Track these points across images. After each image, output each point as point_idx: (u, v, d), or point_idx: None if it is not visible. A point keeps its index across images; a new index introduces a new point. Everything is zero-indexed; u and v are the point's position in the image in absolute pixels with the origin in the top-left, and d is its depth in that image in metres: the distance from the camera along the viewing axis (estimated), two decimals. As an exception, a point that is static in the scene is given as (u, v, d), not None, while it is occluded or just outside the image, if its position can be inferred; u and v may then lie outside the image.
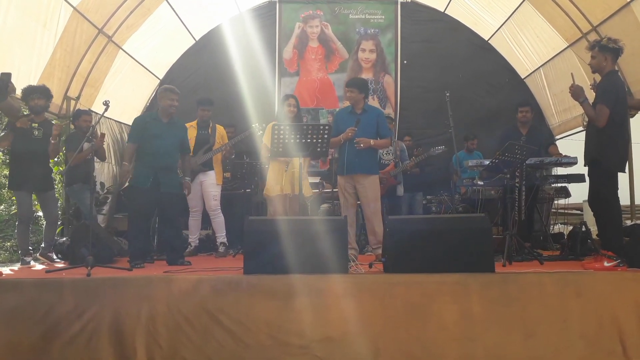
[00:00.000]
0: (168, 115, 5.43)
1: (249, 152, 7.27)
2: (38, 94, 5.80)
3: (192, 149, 6.34)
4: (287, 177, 5.50)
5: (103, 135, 6.12)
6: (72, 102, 7.43)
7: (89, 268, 4.24)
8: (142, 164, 5.34)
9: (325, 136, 4.84)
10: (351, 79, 5.94)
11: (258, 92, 9.02)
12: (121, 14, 7.57)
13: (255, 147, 6.74)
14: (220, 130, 6.62)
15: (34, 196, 6.00)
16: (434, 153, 7.17)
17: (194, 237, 6.63)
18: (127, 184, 5.80)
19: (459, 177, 7.63)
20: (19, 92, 5.59)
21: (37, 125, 5.71)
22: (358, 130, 5.27)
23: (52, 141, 5.65)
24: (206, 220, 6.73)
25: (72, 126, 6.87)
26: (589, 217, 5.60)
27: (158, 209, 5.60)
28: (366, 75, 9.48)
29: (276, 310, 3.75)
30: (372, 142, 5.31)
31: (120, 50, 8.07)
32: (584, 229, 5.51)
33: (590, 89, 4.85)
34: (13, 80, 4.69)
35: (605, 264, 4.31)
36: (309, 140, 4.81)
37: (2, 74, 4.58)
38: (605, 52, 4.62)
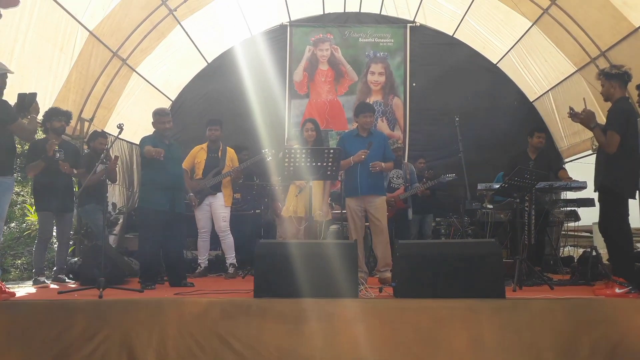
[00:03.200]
0: (167, 137, 5.60)
1: (260, 174, 7.33)
2: (61, 116, 5.92)
3: (202, 171, 6.43)
4: (300, 200, 5.56)
5: (117, 158, 6.20)
6: (86, 124, 7.54)
7: (101, 289, 4.26)
8: (157, 186, 5.35)
9: (336, 159, 4.90)
10: (364, 104, 5.99)
11: (269, 114, 9.11)
12: (136, 38, 7.73)
13: (265, 169, 6.81)
14: (230, 153, 6.66)
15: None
16: (444, 180, 7.18)
17: (203, 258, 6.65)
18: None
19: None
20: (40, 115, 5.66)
21: (57, 147, 5.78)
22: (369, 153, 5.36)
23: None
24: (215, 241, 6.76)
25: (85, 147, 6.96)
26: (599, 240, 5.59)
27: (168, 229, 5.63)
28: (375, 98, 9.57)
29: (286, 334, 3.76)
30: (383, 165, 5.43)
31: (134, 72, 8.21)
32: (594, 253, 5.49)
33: (568, 116, 4.85)
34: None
35: (617, 290, 4.28)
36: (318, 164, 4.86)
37: (28, 93, 4.66)
38: (611, 79, 4.67)
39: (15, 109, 4.59)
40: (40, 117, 5.40)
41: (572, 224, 7.08)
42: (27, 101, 4.64)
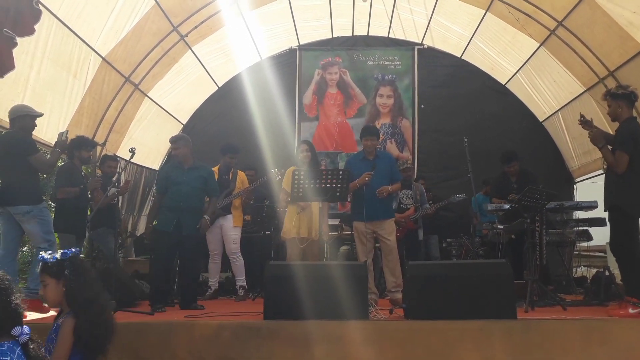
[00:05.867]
0: (185, 162, 5.63)
1: (269, 195, 7.36)
2: (90, 147, 6.02)
3: (213, 193, 6.48)
4: (303, 220, 5.56)
5: (128, 182, 6.27)
6: (99, 148, 7.64)
7: (112, 312, 4.28)
8: (166, 209, 5.54)
9: (345, 181, 4.92)
10: (367, 128, 5.96)
11: (278, 137, 9.19)
12: (147, 63, 7.87)
13: (275, 191, 6.84)
14: (241, 175, 6.73)
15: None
16: (454, 200, 7.21)
17: (213, 280, 6.65)
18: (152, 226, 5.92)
19: (479, 221, 7.61)
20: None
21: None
22: (375, 176, 5.36)
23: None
24: (226, 263, 6.78)
25: (99, 171, 7.05)
26: (612, 260, 5.54)
27: (179, 251, 5.68)
28: (384, 120, 9.64)
29: (297, 357, 3.76)
30: (390, 189, 5.44)
31: (146, 97, 8.34)
32: (607, 273, 5.44)
33: (579, 124, 4.87)
34: (45, 126, 4.96)
35: (630, 310, 4.24)
36: (328, 185, 4.90)
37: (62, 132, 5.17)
38: (617, 99, 4.68)
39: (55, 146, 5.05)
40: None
41: (584, 244, 7.02)
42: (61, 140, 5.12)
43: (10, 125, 4.99)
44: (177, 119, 9.45)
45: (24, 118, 4.93)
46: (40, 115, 5.13)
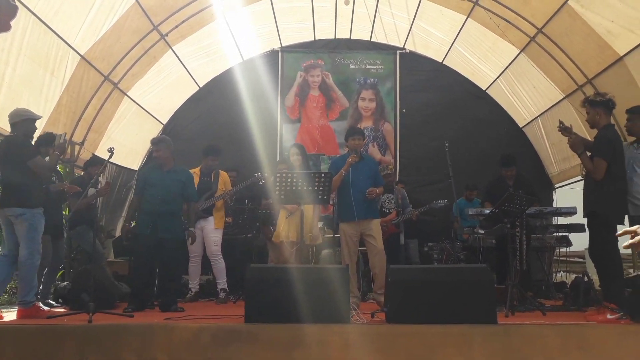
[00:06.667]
0: (165, 165, 5.60)
1: (251, 197, 7.32)
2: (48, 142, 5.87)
3: (194, 195, 6.41)
4: (292, 224, 5.55)
5: (108, 183, 6.19)
6: (77, 147, 7.51)
7: (91, 314, 4.20)
8: (142, 212, 5.58)
9: (327, 184, 4.91)
10: (353, 128, 6.06)
11: (261, 138, 9.13)
12: (127, 62, 7.76)
13: (257, 193, 6.80)
14: (223, 176, 6.66)
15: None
16: (436, 206, 7.23)
17: (194, 282, 6.59)
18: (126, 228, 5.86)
19: (459, 225, 7.65)
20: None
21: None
22: (360, 177, 5.43)
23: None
24: (207, 266, 6.71)
25: (77, 172, 6.93)
26: (591, 266, 5.61)
27: (158, 254, 5.62)
28: (366, 124, 9.66)
29: (278, 361, 3.72)
30: (376, 190, 5.48)
31: (125, 96, 8.22)
32: (586, 279, 5.51)
33: (558, 130, 4.94)
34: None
35: (608, 316, 4.29)
36: (310, 188, 4.87)
37: (59, 134, 5.15)
38: (595, 106, 4.74)
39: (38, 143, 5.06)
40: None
41: (564, 250, 7.11)
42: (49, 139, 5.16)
43: (11, 129, 4.95)
44: (157, 119, 9.34)
45: (26, 122, 4.91)
46: (39, 117, 5.13)
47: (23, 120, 4.89)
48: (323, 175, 4.98)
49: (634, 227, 2.17)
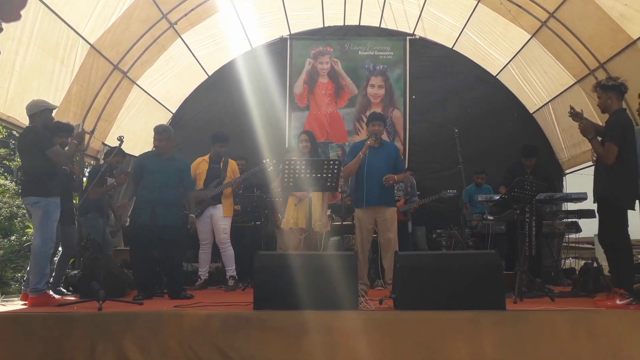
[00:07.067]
0: (163, 153, 5.61)
1: (260, 185, 7.33)
2: (62, 132, 5.90)
3: (203, 182, 6.43)
4: (300, 211, 5.55)
5: (126, 174, 6.17)
6: (87, 136, 7.56)
7: (101, 302, 4.25)
8: (140, 200, 5.58)
9: (335, 171, 4.89)
10: (374, 114, 5.91)
11: (269, 126, 9.15)
12: (136, 51, 7.78)
13: (266, 181, 6.81)
14: (232, 164, 6.68)
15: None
16: (444, 196, 7.21)
17: (203, 270, 6.62)
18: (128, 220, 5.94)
19: (469, 211, 7.63)
20: None
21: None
22: (376, 163, 5.39)
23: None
24: (216, 253, 6.75)
25: (87, 161, 6.98)
26: (601, 252, 5.57)
27: (158, 242, 5.63)
28: (375, 110, 9.58)
29: (286, 347, 3.74)
30: (395, 177, 5.44)
31: (135, 85, 8.25)
32: (595, 265, 5.48)
33: (569, 116, 4.89)
34: None
35: (618, 302, 4.27)
36: (319, 175, 4.86)
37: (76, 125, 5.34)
38: (607, 91, 4.67)
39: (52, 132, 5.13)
40: None
41: (573, 236, 7.07)
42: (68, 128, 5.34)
43: (30, 121, 5.02)
44: (166, 108, 9.37)
45: (44, 112, 4.98)
46: (56, 107, 5.22)
47: (41, 111, 4.96)
48: (332, 162, 4.96)
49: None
